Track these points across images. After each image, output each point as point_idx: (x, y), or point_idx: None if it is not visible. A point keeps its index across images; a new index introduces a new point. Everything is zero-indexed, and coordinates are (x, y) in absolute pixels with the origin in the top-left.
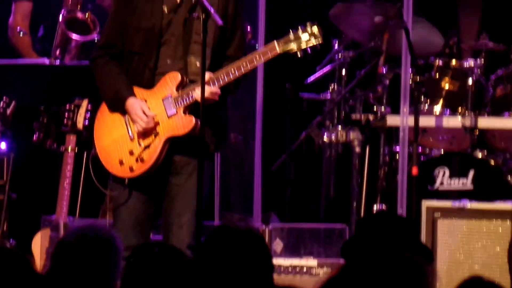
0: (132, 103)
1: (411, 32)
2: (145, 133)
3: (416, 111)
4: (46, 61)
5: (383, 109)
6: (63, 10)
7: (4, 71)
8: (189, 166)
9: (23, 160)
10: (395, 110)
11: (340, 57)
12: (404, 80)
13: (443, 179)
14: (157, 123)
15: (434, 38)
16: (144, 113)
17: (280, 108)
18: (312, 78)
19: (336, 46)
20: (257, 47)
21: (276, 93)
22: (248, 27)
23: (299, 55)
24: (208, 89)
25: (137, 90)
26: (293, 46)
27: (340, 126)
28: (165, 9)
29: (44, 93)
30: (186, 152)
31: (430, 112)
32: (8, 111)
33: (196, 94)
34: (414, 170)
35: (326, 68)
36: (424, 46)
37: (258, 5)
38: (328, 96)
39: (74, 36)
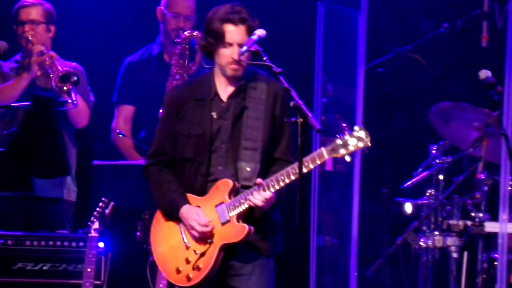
0: (187, 211)
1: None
2: (200, 241)
3: None
4: (144, 162)
5: (481, 216)
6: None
7: (103, 172)
8: (248, 266)
9: (121, 259)
10: (494, 217)
11: (438, 162)
12: (503, 187)
13: None
14: (211, 230)
15: None
16: (200, 217)
17: (376, 213)
18: (408, 183)
19: (433, 152)
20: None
21: (372, 197)
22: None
23: (348, 160)
24: (264, 195)
25: (190, 197)
26: (341, 151)
27: (437, 231)
28: (214, 115)
29: (142, 194)
30: (242, 257)
31: None
32: (107, 211)
33: (255, 199)
34: None
35: (423, 174)
36: None
37: (355, 109)
38: (425, 201)
39: None
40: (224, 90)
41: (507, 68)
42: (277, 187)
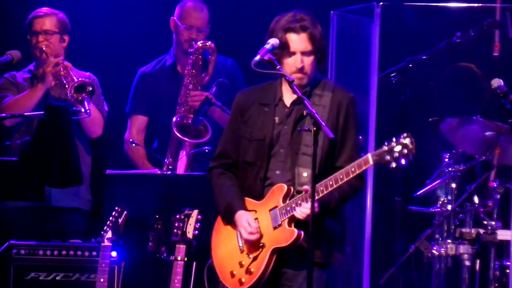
0: (240, 216)
1: None
2: (253, 245)
3: None
4: (157, 171)
5: (493, 223)
6: (175, 117)
7: (117, 181)
8: (299, 277)
9: (133, 269)
10: (506, 225)
11: (450, 170)
12: None
13: None
14: (263, 235)
15: None
16: (249, 224)
17: (389, 221)
18: (421, 191)
19: (446, 160)
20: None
21: (385, 205)
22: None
23: (393, 166)
24: (306, 207)
25: (248, 201)
26: (386, 157)
27: (449, 239)
28: (277, 120)
29: (155, 203)
30: (294, 265)
31: None
32: (120, 220)
33: (297, 212)
34: None
35: (436, 182)
36: None
37: (369, 118)
38: (438, 209)
39: (186, 139)
40: (289, 96)
41: None
42: (325, 191)
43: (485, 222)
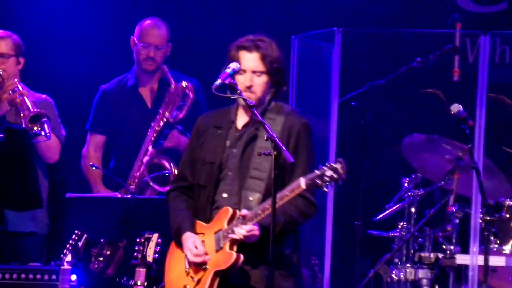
0: (187, 238)
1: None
2: (197, 267)
3: (486, 251)
4: (117, 194)
5: (452, 248)
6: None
7: (77, 205)
8: None
9: None
10: (465, 249)
11: (409, 195)
12: (474, 220)
13: None
14: (207, 258)
15: (503, 185)
16: (195, 247)
17: (348, 245)
18: (381, 215)
19: (405, 185)
20: None
21: (345, 230)
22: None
23: (325, 190)
24: (244, 228)
25: (198, 224)
26: (317, 181)
27: (408, 264)
28: (228, 143)
29: (115, 227)
30: (237, 286)
31: (499, 252)
32: (80, 244)
33: (235, 234)
34: None
35: (396, 206)
36: (492, 190)
37: (329, 142)
38: (397, 233)
39: (155, 187)
40: (242, 119)
41: (478, 102)
42: (262, 215)
43: (444, 247)
